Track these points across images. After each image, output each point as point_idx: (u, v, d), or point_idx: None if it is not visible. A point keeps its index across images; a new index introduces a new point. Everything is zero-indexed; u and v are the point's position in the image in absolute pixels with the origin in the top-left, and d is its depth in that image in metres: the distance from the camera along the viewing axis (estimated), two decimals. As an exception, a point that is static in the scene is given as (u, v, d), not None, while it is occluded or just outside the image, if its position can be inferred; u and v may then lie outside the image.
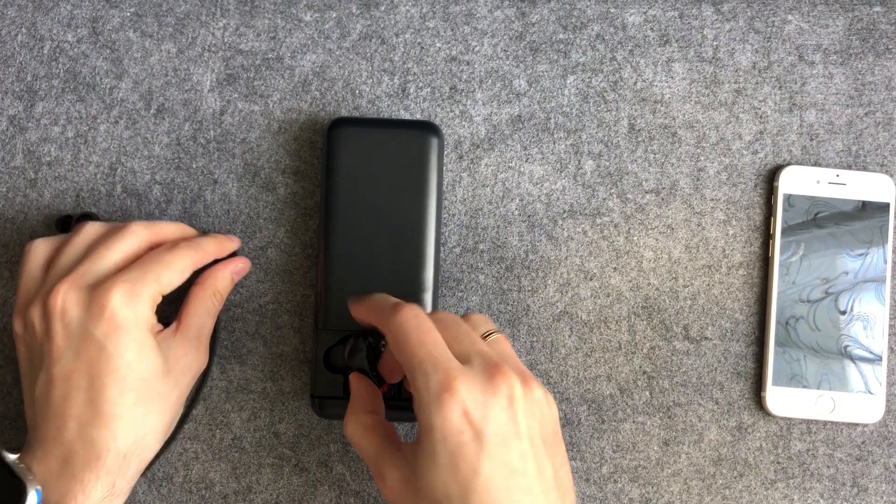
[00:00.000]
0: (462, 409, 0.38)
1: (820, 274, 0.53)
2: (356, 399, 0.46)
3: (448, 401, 0.38)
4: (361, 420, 0.45)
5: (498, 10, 0.55)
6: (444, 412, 0.38)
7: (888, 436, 0.54)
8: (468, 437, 0.38)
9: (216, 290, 0.49)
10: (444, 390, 0.38)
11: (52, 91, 0.54)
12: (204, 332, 0.48)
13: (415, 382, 0.40)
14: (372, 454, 0.43)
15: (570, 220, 0.54)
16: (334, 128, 0.51)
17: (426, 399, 0.39)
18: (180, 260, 0.47)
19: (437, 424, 0.38)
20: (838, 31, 0.56)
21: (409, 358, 0.40)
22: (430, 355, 0.40)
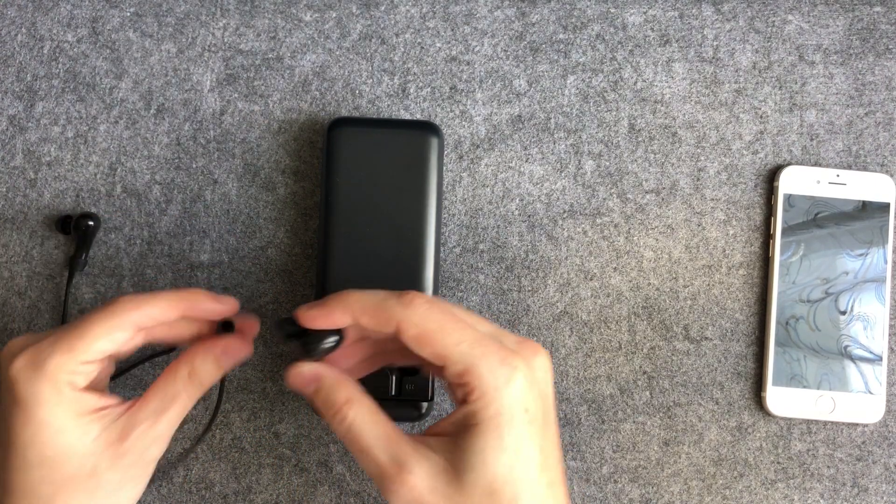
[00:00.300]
0: (522, 389, 0.38)
1: (820, 274, 0.53)
2: (343, 383, 0.41)
3: (514, 381, 0.38)
4: (365, 405, 0.40)
5: (498, 10, 0.55)
6: (513, 393, 0.38)
7: (888, 436, 0.54)
8: (530, 416, 0.38)
9: (192, 371, 0.42)
10: (512, 370, 0.38)
11: (52, 91, 0.54)
12: (163, 418, 0.41)
13: (475, 369, 0.38)
14: (384, 445, 0.39)
15: (570, 220, 0.54)
16: (334, 128, 0.51)
17: (492, 382, 0.38)
18: (114, 320, 0.40)
19: (506, 407, 0.38)
20: (838, 31, 0.56)
21: (453, 347, 0.38)
22: (476, 339, 0.39)
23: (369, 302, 0.40)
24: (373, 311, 0.40)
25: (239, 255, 0.53)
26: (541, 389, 0.39)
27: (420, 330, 0.39)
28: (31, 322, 0.53)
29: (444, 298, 0.53)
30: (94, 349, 0.40)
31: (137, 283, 0.53)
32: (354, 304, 0.40)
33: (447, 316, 0.39)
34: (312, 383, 0.41)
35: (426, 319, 0.39)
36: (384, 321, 0.39)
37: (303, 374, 0.41)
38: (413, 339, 0.39)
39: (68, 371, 0.39)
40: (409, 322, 0.39)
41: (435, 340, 0.39)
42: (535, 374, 0.39)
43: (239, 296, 0.53)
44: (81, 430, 0.40)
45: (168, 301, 0.41)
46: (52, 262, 0.53)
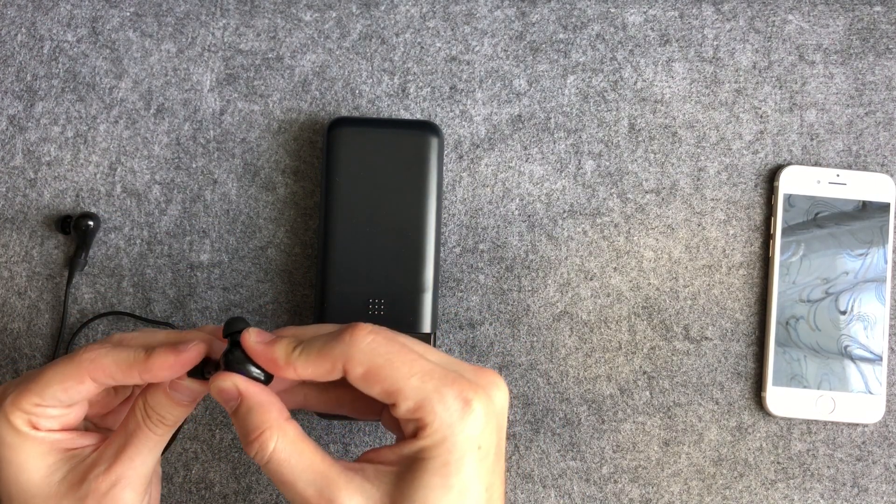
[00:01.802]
0: (478, 424, 0.36)
1: (820, 274, 0.53)
2: (267, 406, 0.37)
3: (470, 417, 0.35)
4: (288, 433, 0.36)
5: (498, 10, 0.55)
6: (468, 430, 0.35)
7: (888, 436, 0.54)
8: (483, 453, 0.36)
9: (147, 406, 0.39)
10: (465, 406, 0.35)
11: (52, 91, 0.54)
12: (122, 457, 0.39)
13: (428, 403, 0.35)
14: (310, 478, 0.36)
15: (570, 220, 0.54)
16: (334, 128, 0.51)
17: (446, 418, 0.35)
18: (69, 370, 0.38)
19: (460, 444, 0.35)
20: (839, 31, 0.56)
21: (404, 382, 0.35)
22: (429, 371, 0.36)
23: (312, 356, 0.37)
24: (316, 360, 0.36)
25: (239, 255, 0.53)
26: (498, 422, 0.37)
27: (367, 367, 0.36)
28: (31, 322, 0.53)
29: (444, 298, 0.53)
30: (47, 394, 0.38)
31: (137, 283, 0.53)
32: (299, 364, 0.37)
33: (394, 346, 0.36)
34: (233, 400, 0.37)
35: (372, 354, 0.36)
36: (330, 368, 0.36)
37: (223, 389, 0.37)
38: (360, 379, 0.36)
39: (23, 411, 0.38)
40: (355, 360, 0.36)
41: (383, 376, 0.35)
42: (494, 406, 0.37)
43: (239, 296, 0.53)
44: (45, 470, 0.39)
45: (126, 364, 0.38)
46: (52, 262, 0.53)
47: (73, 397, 0.39)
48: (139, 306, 0.53)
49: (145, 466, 0.40)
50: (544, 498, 0.53)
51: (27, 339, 0.53)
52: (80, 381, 0.38)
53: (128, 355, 0.38)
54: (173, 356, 0.38)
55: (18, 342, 0.53)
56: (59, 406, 0.39)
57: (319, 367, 0.37)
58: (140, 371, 0.38)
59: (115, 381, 0.39)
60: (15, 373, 0.53)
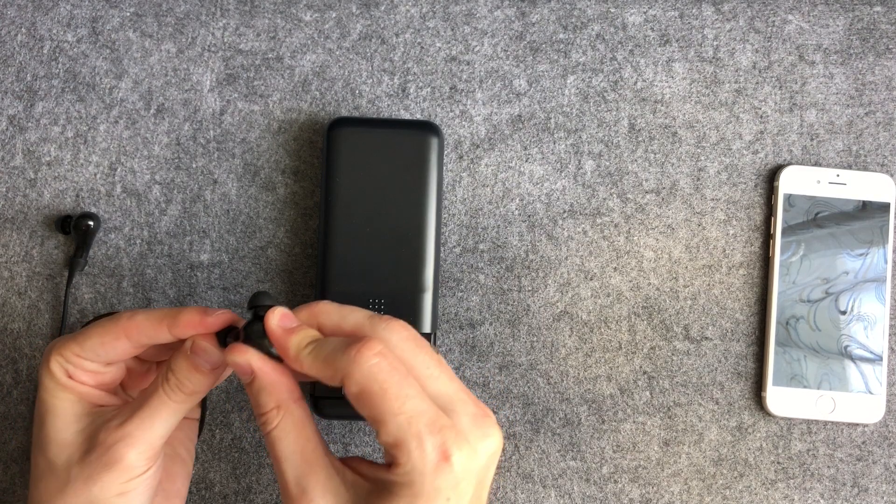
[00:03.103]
0: (451, 480, 0.35)
1: (820, 274, 0.53)
2: (277, 386, 0.38)
3: (445, 471, 0.35)
4: (294, 415, 0.38)
5: (498, 10, 0.55)
6: (439, 483, 0.35)
7: (888, 436, 0.54)
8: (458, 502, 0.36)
9: (170, 370, 0.40)
10: (443, 459, 0.35)
11: (52, 91, 0.54)
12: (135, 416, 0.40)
13: (405, 446, 0.35)
14: (297, 462, 0.37)
15: (570, 220, 0.54)
16: (334, 128, 0.51)
17: (419, 466, 0.35)
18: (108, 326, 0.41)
19: (426, 493, 0.35)
20: (838, 31, 0.56)
21: (390, 416, 0.35)
22: (418, 413, 0.35)
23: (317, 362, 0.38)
24: (322, 364, 0.37)
25: (239, 255, 0.53)
26: (478, 477, 0.37)
27: (361, 388, 0.36)
28: (31, 322, 0.53)
29: (444, 298, 0.53)
30: (86, 346, 0.41)
31: (137, 283, 0.53)
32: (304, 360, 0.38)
33: (395, 376, 0.36)
34: (246, 375, 0.39)
35: (369, 379, 0.36)
36: (331, 374, 0.37)
37: (238, 363, 0.39)
38: (353, 397, 0.36)
39: (63, 358, 0.41)
40: (352, 378, 0.36)
41: (373, 404, 0.36)
42: (477, 460, 0.36)
43: (239, 296, 0.53)
44: (70, 418, 0.41)
45: (157, 318, 0.40)
46: (52, 262, 0.53)
47: (110, 353, 0.41)
48: (139, 306, 0.53)
49: (155, 431, 0.40)
50: (544, 498, 0.53)
51: (27, 339, 0.53)
52: (117, 336, 0.41)
53: (159, 312, 0.41)
54: (199, 315, 0.40)
55: (18, 342, 0.53)
56: (96, 360, 0.41)
57: (322, 373, 0.37)
58: (169, 325, 0.40)
59: (146, 338, 0.41)
60: (15, 373, 0.53)
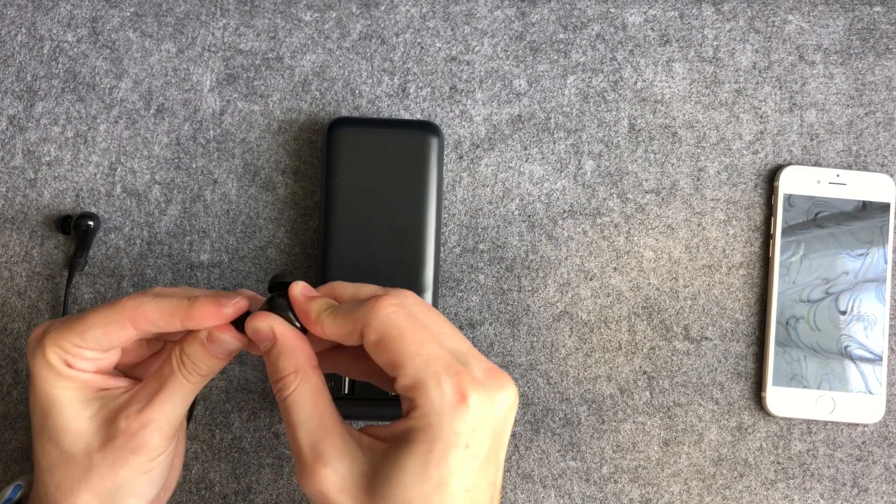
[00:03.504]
0: (469, 423, 0.35)
1: (820, 274, 0.53)
2: (297, 351, 0.39)
3: (463, 413, 0.35)
4: (311, 380, 0.38)
5: (498, 10, 0.55)
6: (457, 425, 0.35)
7: (888, 436, 0.54)
8: (471, 452, 0.36)
9: (184, 354, 0.40)
10: (461, 400, 0.35)
11: (52, 91, 0.54)
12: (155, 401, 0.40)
13: (423, 387, 0.35)
14: (312, 427, 0.37)
15: (570, 220, 0.54)
16: (334, 128, 0.51)
17: (437, 406, 0.35)
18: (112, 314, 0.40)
19: (445, 436, 0.35)
20: (838, 31, 0.56)
21: (408, 359, 0.36)
22: (436, 356, 0.36)
23: (339, 315, 0.38)
24: (343, 323, 0.38)
25: (239, 255, 0.53)
26: (495, 427, 0.36)
27: (380, 335, 0.37)
28: (31, 322, 0.53)
29: (444, 298, 0.53)
30: (88, 336, 0.40)
31: (137, 283, 0.53)
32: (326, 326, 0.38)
33: (412, 323, 0.37)
34: (267, 341, 0.39)
35: (388, 325, 0.36)
36: (350, 331, 0.38)
37: (260, 329, 0.39)
38: (372, 345, 0.37)
39: (62, 349, 0.40)
40: (371, 326, 0.37)
41: (392, 348, 0.36)
42: (494, 409, 0.36)
43: (239, 296, 0.53)
44: (78, 405, 0.40)
45: (168, 310, 0.39)
46: (52, 262, 0.53)
47: (113, 342, 0.40)
48: (139, 306, 0.53)
49: (175, 413, 0.41)
50: (544, 498, 0.53)
51: (27, 339, 0.53)
52: (122, 326, 0.40)
53: (170, 303, 0.39)
54: (215, 306, 0.39)
55: (18, 342, 0.53)
56: (97, 349, 0.40)
57: (342, 329, 0.38)
58: (182, 318, 0.39)
59: (155, 328, 0.40)
60: (15, 373, 0.53)
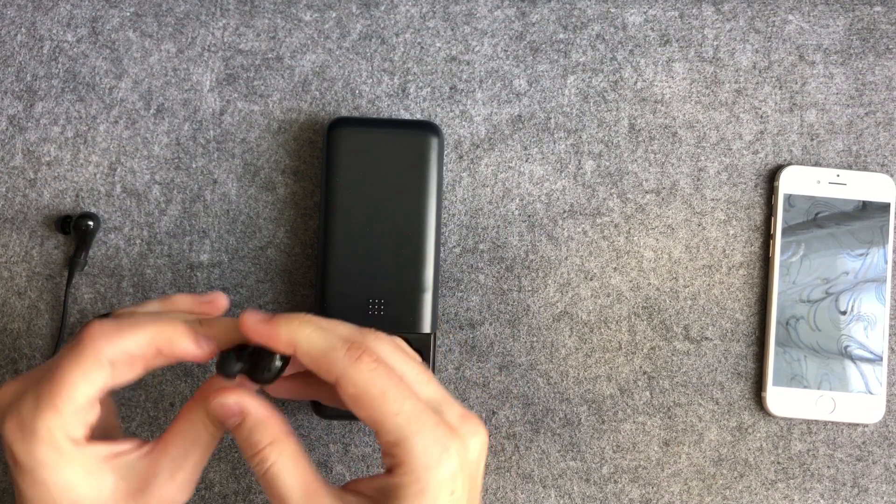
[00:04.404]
0: (452, 471, 0.37)
1: (820, 274, 0.53)
2: (270, 421, 0.38)
3: (445, 463, 0.36)
4: (289, 449, 0.38)
5: (498, 10, 0.55)
6: (442, 476, 0.36)
7: (888, 436, 0.54)
8: (455, 498, 0.37)
9: (212, 416, 0.39)
10: (442, 452, 0.36)
11: (52, 91, 0.54)
12: (185, 465, 0.39)
13: (407, 444, 0.36)
14: (301, 496, 0.37)
15: (570, 220, 0.54)
16: (334, 128, 0.51)
17: (422, 461, 0.36)
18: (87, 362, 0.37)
19: (432, 488, 0.36)
20: (839, 31, 0.56)
21: (389, 417, 0.36)
22: (415, 412, 0.37)
23: (316, 345, 0.38)
24: (317, 356, 0.38)
25: (239, 255, 0.53)
26: (471, 472, 0.38)
27: (359, 391, 0.37)
28: (31, 322, 0.53)
29: (444, 298, 0.53)
30: (76, 399, 0.37)
31: (137, 283, 0.53)
32: (301, 342, 0.38)
33: (391, 381, 0.37)
34: (235, 416, 0.38)
35: (368, 383, 0.37)
36: (325, 370, 0.37)
37: (226, 405, 0.38)
38: (350, 399, 0.37)
39: (60, 428, 0.37)
40: (350, 381, 0.37)
41: (373, 406, 0.37)
42: (469, 455, 0.38)
43: (239, 296, 0.53)
44: (94, 482, 0.38)
45: (143, 337, 0.38)
46: (52, 262, 0.53)
47: (97, 385, 0.37)
48: (139, 306, 0.53)
49: (200, 470, 0.40)
50: (544, 498, 0.53)
51: (27, 339, 0.53)
52: (101, 368, 0.37)
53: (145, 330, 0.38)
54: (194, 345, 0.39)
55: (18, 342, 0.53)
56: (91, 404, 0.38)
57: (316, 366, 0.38)
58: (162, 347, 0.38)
59: (134, 359, 0.38)
60: (15, 373, 0.53)
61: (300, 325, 0.38)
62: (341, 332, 0.39)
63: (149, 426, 0.53)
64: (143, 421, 0.53)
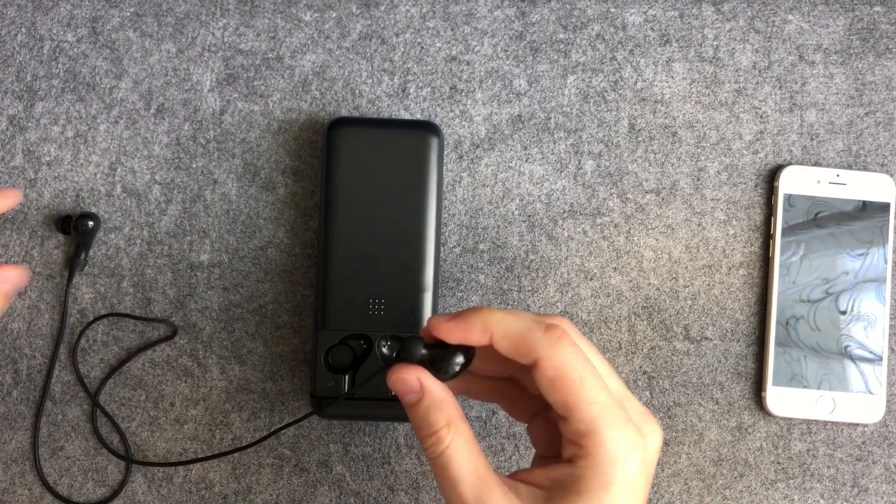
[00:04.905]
0: (635, 470, 0.36)
1: (820, 274, 0.53)
2: (447, 403, 0.38)
3: (633, 461, 0.36)
4: (463, 432, 0.38)
5: (498, 10, 0.55)
6: (627, 473, 0.36)
7: (888, 436, 0.54)
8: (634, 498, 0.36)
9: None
10: (633, 449, 0.36)
11: (52, 91, 0.54)
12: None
13: (599, 436, 0.36)
14: (473, 481, 0.37)
15: (570, 220, 0.54)
16: (334, 128, 0.51)
17: (610, 456, 0.36)
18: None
19: (616, 484, 0.36)
20: (838, 31, 0.56)
21: (585, 405, 0.36)
22: (609, 405, 0.36)
23: (513, 327, 0.37)
24: (515, 337, 0.37)
25: (239, 255, 0.53)
26: (648, 472, 0.37)
27: (558, 374, 0.36)
28: (31, 322, 0.53)
29: (444, 298, 0.53)
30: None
31: (137, 283, 0.53)
32: (497, 325, 0.37)
33: (589, 368, 0.37)
34: (414, 393, 0.38)
35: (569, 367, 0.36)
36: (524, 351, 0.37)
37: (406, 380, 0.38)
38: (547, 380, 0.37)
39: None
40: (550, 362, 0.36)
41: (570, 390, 0.36)
42: (648, 454, 0.37)
43: (239, 296, 0.53)
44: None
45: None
46: (52, 262, 0.53)
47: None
48: (139, 306, 0.53)
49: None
50: (544, 498, 0.53)
51: (27, 339, 0.53)
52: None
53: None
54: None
55: (18, 342, 0.53)
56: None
57: (514, 346, 0.37)
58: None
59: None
60: (15, 373, 0.53)
61: (490, 312, 0.38)
62: (532, 315, 0.39)
63: (149, 426, 0.53)
64: (144, 421, 0.53)
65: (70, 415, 0.53)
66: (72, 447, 0.52)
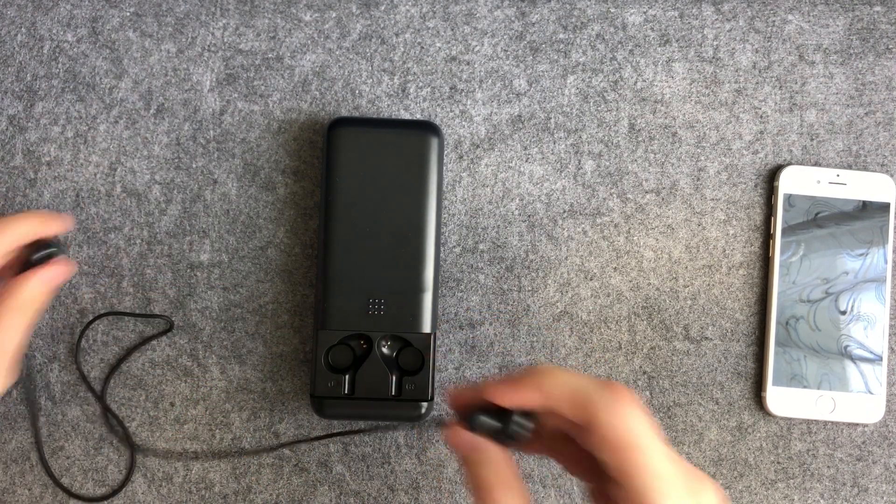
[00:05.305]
0: None
1: (820, 274, 0.53)
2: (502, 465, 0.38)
3: None
4: (518, 494, 0.37)
5: (498, 10, 0.55)
6: None
7: (888, 436, 0.54)
8: None
9: (23, 303, 0.42)
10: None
11: (52, 91, 0.54)
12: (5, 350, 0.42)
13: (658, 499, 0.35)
14: None
15: (570, 220, 0.54)
16: (334, 128, 0.51)
17: None
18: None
19: None
20: (838, 31, 0.56)
21: (649, 477, 0.35)
22: (671, 477, 0.35)
23: (570, 385, 0.36)
24: (571, 397, 0.36)
25: (239, 255, 0.53)
26: None
27: (619, 438, 0.35)
28: (31, 322, 0.53)
29: (444, 298, 0.53)
30: None
31: (137, 283, 0.53)
32: (553, 388, 0.37)
33: (650, 435, 0.35)
34: (470, 452, 0.38)
35: (630, 432, 0.35)
36: (581, 410, 0.36)
37: (463, 438, 0.38)
38: (605, 442, 0.35)
39: None
40: (610, 426, 0.35)
41: (630, 458, 0.35)
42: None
43: (239, 296, 0.53)
44: None
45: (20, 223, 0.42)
46: (52, 262, 0.53)
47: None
48: (139, 306, 0.53)
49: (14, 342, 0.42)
50: (544, 498, 0.53)
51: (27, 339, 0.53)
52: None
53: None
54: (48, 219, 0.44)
55: (18, 342, 0.53)
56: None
57: (573, 408, 0.36)
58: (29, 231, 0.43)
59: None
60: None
61: (548, 373, 0.37)
62: (589, 377, 0.38)
63: (149, 426, 0.53)
64: (144, 421, 0.53)
65: (70, 415, 0.53)
66: (72, 447, 0.52)
